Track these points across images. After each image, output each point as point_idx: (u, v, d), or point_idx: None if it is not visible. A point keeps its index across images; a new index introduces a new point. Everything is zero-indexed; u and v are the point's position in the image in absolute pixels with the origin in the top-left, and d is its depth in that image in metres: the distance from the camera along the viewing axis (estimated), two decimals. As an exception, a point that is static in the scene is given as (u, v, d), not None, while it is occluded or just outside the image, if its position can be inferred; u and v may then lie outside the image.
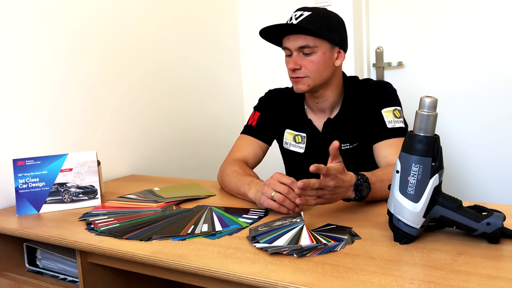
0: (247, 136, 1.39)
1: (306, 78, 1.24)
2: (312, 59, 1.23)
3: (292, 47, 1.24)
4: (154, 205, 1.18)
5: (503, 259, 0.73)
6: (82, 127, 1.53)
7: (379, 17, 2.07)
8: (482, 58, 1.87)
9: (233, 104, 2.28)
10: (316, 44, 1.22)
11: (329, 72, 1.26)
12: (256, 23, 2.24)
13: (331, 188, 0.96)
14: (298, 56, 1.24)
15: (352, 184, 1.00)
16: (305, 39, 1.22)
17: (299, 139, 1.36)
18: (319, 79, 1.25)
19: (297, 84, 1.26)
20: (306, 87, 1.25)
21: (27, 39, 1.36)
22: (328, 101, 1.31)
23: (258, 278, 0.71)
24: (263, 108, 1.41)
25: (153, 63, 1.81)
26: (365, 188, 1.01)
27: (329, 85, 1.29)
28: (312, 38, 1.22)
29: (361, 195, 1.01)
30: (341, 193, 0.99)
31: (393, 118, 1.25)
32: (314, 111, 1.35)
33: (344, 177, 0.98)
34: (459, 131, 1.96)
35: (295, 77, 1.25)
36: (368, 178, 1.03)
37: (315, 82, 1.25)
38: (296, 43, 1.23)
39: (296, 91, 1.28)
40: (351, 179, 1.00)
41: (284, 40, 1.26)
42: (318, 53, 1.23)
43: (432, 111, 0.77)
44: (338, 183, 0.96)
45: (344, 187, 0.98)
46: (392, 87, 1.32)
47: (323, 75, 1.26)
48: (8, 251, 1.20)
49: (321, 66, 1.24)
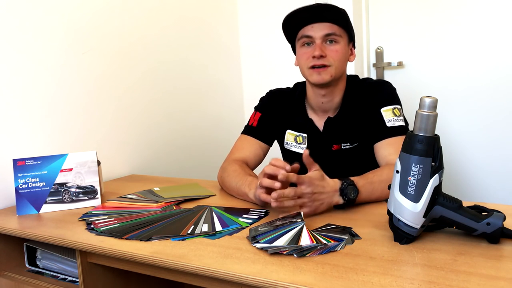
0: (248, 136, 1.39)
1: (330, 67, 1.22)
2: (336, 48, 1.22)
3: (316, 35, 1.22)
4: (154, 205, 1.18)
5: (503, 259, 0.73)
6: (82, 127, 1.53)
7: (379, 17, 2.08)
8: (482, 58, 1.87)
9: (233, 105, 2.28)
10: (341, 33, 1.23)
11: (345, 67, 1.27)
12: (256, 24, 2.25)
13: (310, 195, 0.97)
14: (322, 45, 1.22)
15: (336, 189, 1.00)
16: (331, 27, 1.21)
17: (300, 139, 1.36)
18: (339, 70, 1.25)
19: (320, 74, 1.23)
20: (329, 77, 1.23)
21: (28, 39, 1.36)
22: (333, 100, 1.30)
23: (258, 278, 0.71)
24: (264, 109, 1.41)
25: (153, 63, 1.81)
26: (351, 191, 1.01)
27: (339, 82, 1.29)
28: (338, 27, 1.22)
29: (349, 198, 1.01)
30: (326, 199, 1.00)
31: (393, 117, 1.25)
32: (315, 111, 1.35)
33: (324, 183, 0.98)
34: (459, 131, 1.96)
35: (319, 65, 1.22)
36: (353, 181, 1.03)
37: (336, 72, 1.24)
38: (323, 31, 1.21)
39: (317, 82, 1.24)
40: (334, 185, 1.00)
41: (306, 29, 1.24)
42: (341, 43, 1.23)
43: (432, 111, 0.77)
44: (317, 189, 0.97)
45: (326, 192, 0.99)
46: (391, 85, 1.32)
47: (342, 68, 1.26)
48: (8, 251, 1.20)
49: (343, 57, 1.24)
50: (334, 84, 1.27)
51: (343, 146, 1.31)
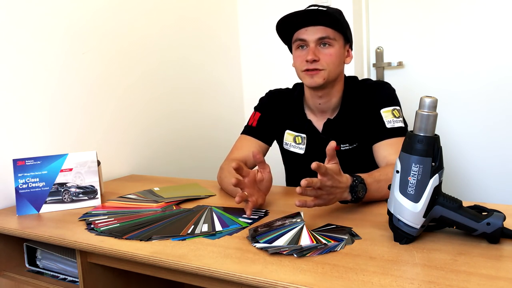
0: (247, 136, 1.39)
1: (323, 71, 1.22)
2: (330, 52, 1.22)
3: (310, 39, 1.22)
4: (154, 205, 1.18)
5: (503, 259, 0.73)
6: (82, 127, 1.53)
7: (379, 17, 2.08)
8: (482, 58, 1.87)
9: (233, 105, 2.28)
10: (335, 37, 1.22)
11: (340, 69, 1.27)
12: (256, 24, 2.25)
13: (328, 188, 0.95)
14: (316, 48, 1.22)
15: (347, 185, 0.99)
16: (325, 30, 1.21)
17: (299, 140, 1.36)
18: (334, 73, 1.24)
19: (312, 78, 1.23)
20: (322, 80, 1.23)
21: (28, 39, 1.36)
22: (330, 102, 1.30)
23: (258, 278, 0.71)
24: (263, 109, 1.41)
25: (153, 63, 1.81)
26: (361, 189, 1.01)
27: (336, 84, 1.28)
28: (332, 30, 1.21)
29: (357, 196, 1.01)
30: (337, 194, 0.98)
31: (392, 118, 1.25)
32: (314, 112, 1.35)
33: (340, 178, 0.97)
34: (459, 131, 1.96)
35: (312, 69, 1.22)
36: (363, 179, 1.02)
37: (330, 76, 1.24)
38: (316, 34, 1.21)
39: (310, 85, 1.25)
40: (346, 181, 0.99)
41: (300, 32, 1.24)
42: (335, 47, 1.23)
43: (432, 111, 0.77)
44: (335, 183, 0.96)
45: (340, 187, 0.97)
46: (390, 87, 1.32)
47: (337, 70, 1.25)
48: (8, 251, 1.20)
49: (338, 60, 1.24)
50: (330, 86, 1.27)
51: (342, 147, 1.31)
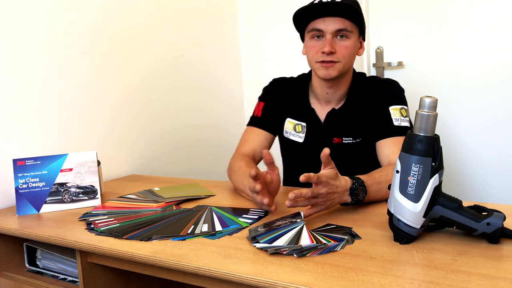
0: (254, 127, 1.38)
1: (338, 63, 1.21)
2: (346, 44, 1.21)
3: (328, 30, 1.19)
4: (154, 205, 1.18)
5: (503, 259, 0.73)
6: (82, 127, 1.53)
7: (379, 17, 2.07)
8: (483, 58, 1.87)
9: (233, 104, 2.28)
10: (352, 29, 1.21)
11: (353, 61, 1.26)
12: (256, 23, 2.25)
13: (324, 195, 0.94)
14: (333, 40, 1.20)
15: (347, 188, 0.99)
16: (343, 22, 1.19)
17: (299, 128, 1.34)
18: (348, 65, 1.24)
19: (327, 70, 1.21)
20: (337, 72, 1.22)
21: (26, 39, 1.36)
22: (338, 92, 1.29)
23: (258, 278, 0.71)
24: (267, 98, 1.40)
25: (153, 62, 1.81)
26: (361, 191, 1.01)
27: (346, 75, 1.28)
28: (349, 22, 1.20)
29: (357, 199, 1.00)
30: (336, 199, 0.98)
31: (400, 117, 1.24)
32: (319, 101, 1.33)
33: (338, 183, 0.96)
34: (459, 131, 1.96)
35: (328, 61, 1.20)
36: (363, 181, 1.01)
37: (344, 68, 1.22)
38: (334, 26, 1.19)
39: (324, 77, 1.23)
40: (345, 184, 0.98)
41: (318, 22, 1.21)
42: (352, 39, 1.21)
43: (432, 111, 0.77)
44: (331, 189, 0.95)
45: (338, 192, 0.97)
46: (400, 86, 1.31)
47: (351, 63, 1.25)
48: (8, 251, 1.20)
49: (353, 53, 1.23)
50: (340, 77, 1.26)
51: (344, 140, 1.30)
